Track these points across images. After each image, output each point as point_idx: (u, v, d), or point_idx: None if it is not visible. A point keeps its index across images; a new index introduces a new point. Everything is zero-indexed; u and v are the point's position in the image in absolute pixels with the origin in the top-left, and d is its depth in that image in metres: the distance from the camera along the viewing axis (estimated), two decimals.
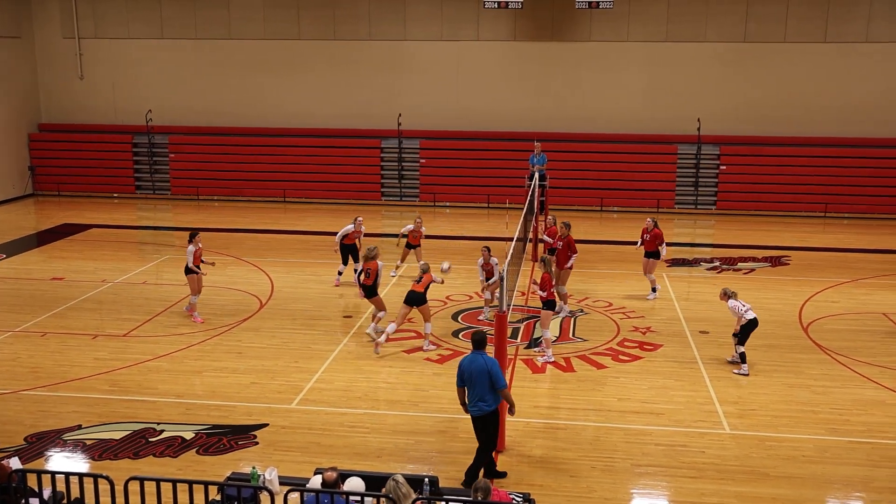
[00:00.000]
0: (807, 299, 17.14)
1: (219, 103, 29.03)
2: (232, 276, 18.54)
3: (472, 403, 9.51)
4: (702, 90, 27.00)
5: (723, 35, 26.65)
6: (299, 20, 28.27)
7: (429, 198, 27.94)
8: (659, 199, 26.93)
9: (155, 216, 26.76)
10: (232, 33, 28.59)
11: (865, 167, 26.22)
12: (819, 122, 26.65)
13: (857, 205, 26.13)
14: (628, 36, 27.03)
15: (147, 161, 29.32)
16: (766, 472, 10.03)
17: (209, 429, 11.12)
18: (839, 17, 26.04)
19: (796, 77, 26.54)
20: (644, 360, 13.73)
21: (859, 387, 12.64)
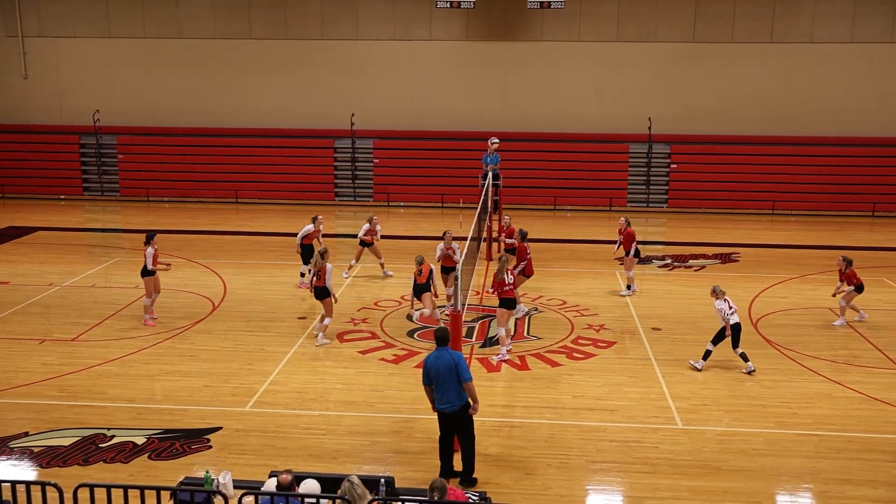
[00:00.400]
0: (756, 295, 17.46)
1: (169, 103, 28.62)
2: (184, 279, 18.28)
3: (443, 400, 9.50)
4: (652, 89, 27.36)
5: (672, 35, 27.04)
6: (250, 19, 27.99)
7: (383, 198, 27.88)
8: (611, 198, 27.21)
9: (103, 218, 26.29)
10: (181, 32, 28.20)
11: (812, 165, 26.82)
12: (766, 122, 27.21)
13: (803, 202, 26.71)
14: (580, 36, 27.27)
15: (95, 162, 28.80)
16: (718, 466, 10.19)
17: (161, 433, 10.95)
18: (785, 18, 26.60)
19: (744, 77, 27.04)
20: (598, 358, 13.86)
21: (806, 380, 12.91)
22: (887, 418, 11.56)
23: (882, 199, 26.60)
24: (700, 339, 14.72)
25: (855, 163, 26.87)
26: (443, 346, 9.63)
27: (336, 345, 14.37)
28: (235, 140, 28.43)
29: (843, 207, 26.57)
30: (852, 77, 26.78)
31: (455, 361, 9.48)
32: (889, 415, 11.68)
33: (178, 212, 26.60)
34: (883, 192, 26.67)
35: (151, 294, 15.33)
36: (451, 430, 9.64)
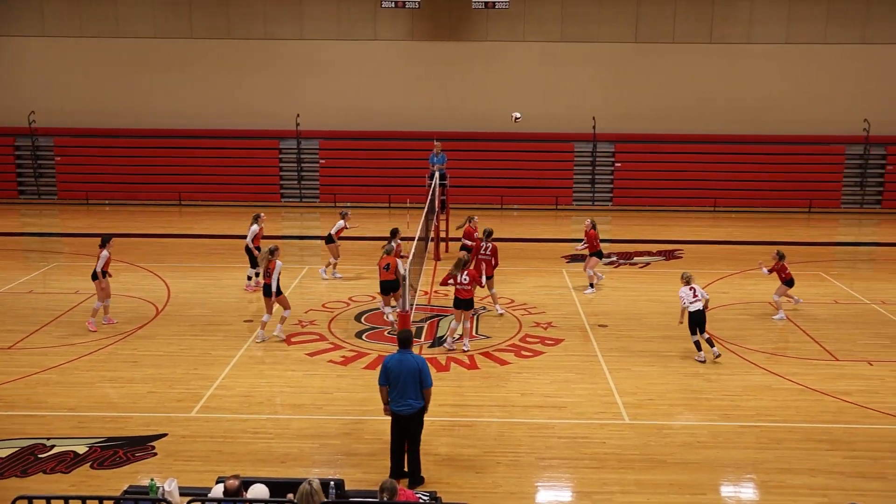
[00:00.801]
0: None
1: (108, 104, 28.04)
2: (126, 283, 17.91)
3: (401, 402, 9.48)
4: (596, 89, 27.69)
5: (614, 36, 27.40)
6: (191, 18, 27.59)
7: (329, 198, 27.71)
8: (557, 197, 27.47)
9: (40, 222, 25.65)
10: (120, 31, 27.66)
11: (751, 163, 27.42)
12: (707, 120, 27.74)
13: (743, 199, 27.30)
14: (524, 36, 27.47)
15: (31, 164, 28.07)
16: (664, 460, 10.36)
17: (104, 442, 10.72)
18: (723, 20, 27.16)
19: (685, 76, 27.54)
20: (546, 355, 13.98)
21: (748, 373, 13.20)
22: (824, 408, 11.89)
23: (818, 196, 27.34)
24: (646, 335, 15.00)
25: (792, 160, 27.55)
26: (406, 349, 9.61)
27: (283, 347, 14.25)
28: (178, 141, 27.97)
29: (782, 204, 27.24)
30: (789, 77, 27.46)
31: (419, 366, 9.51)
32: (826, 405, 12.01)
33: (119, 214, 26.09)
34: (819, 189, 27.42)
35: (104, 298, 15.04)
36: (404, 432, 9.62)
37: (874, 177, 27.65)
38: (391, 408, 9.57)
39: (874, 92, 27.40)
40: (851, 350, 14.27)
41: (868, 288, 18.22)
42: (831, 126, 27.67)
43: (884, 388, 12.65)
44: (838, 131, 27.67)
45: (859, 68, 27.29)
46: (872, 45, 27.11)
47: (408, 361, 9.49)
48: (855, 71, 27.31)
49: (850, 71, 27.31)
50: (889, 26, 27.01)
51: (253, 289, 17.39)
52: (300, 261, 21.12)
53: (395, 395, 9.50)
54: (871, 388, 12.63)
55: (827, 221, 26.17)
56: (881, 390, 12.54)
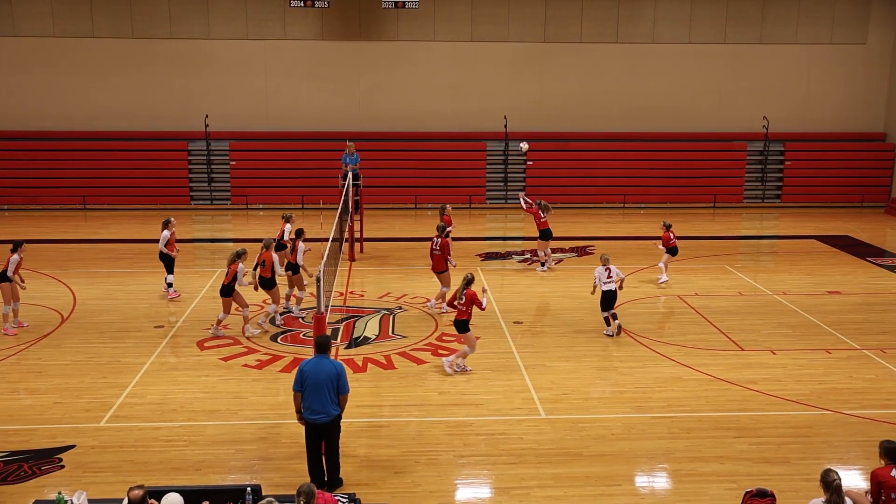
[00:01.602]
0: None
1: (6, 105, 26.92)
2: (28, 291, 17.19)
3: (316, 410, 9.22)
4: (507, 88, 28.01)
5: (524, 35, 27.77)
6: (93, 17, 26.71)
7: (241, 200, 27.26)
8: (471, 196, 27.67)
9: None
10: (17, 30, 26.58)
11: (658, 160, 28.17)
12: (615, 118, 28.40)
13: (651, 195, 28.04)
14: (435, 35, 27.58)
15: None
16: (580, 453, 10.57)
17: (7, 456, 10.30)
18: (628, 20, 27.84)
19: (593, 75, 28.12)
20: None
21: (659, 366, 13.58)
22: (731, 397, 12.33)
23: (721, 191, 28.32)
24: (560, 330, 15.26)
25: (697, 157, 28.44)
26: (323, 354, 9.43)
27: (196, 352, 13.97)
28: (81, 143, 27.06)
29: (687, 199, 28.09)
30: (691, 76, 28.35)
31: (338, 371, 9.31)
32: (733, 394, 12.45)
33: (19, 219, 25.08)
34: (722, 185, 28.40)
35: (10, 301, 14.57)
36: (320, 439, 9.43)
37: (774, 172, 28.80)
38: (306, 416, 9.31)
39: (772, 90, 28.55)
40: (756, 340, 14.84)
41: (770, 280, 18.97)
42: (733, 123, 28.71)
43: (786, 375, 13.19)
44: (740, 128, 28.73)
45: (758, 67, 28.38)
46: (769, 45, 28.24)
47: (325, 366, 9.29)
48: (754, 70, 28.39)
49: (750, 70, 28.37)
50: (784, 27, 28.18)
51: (174, 296, 16.94)
52: (212, 264, 20.71)
53: (310, 403, 9.23)
54: (774, 376, 13.16)
55: (730, 216, 27.13)
56: (784, 378, 13.08)
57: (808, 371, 13.40)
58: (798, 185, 28.60)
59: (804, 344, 14.67)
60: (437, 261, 16.17)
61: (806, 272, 19.69)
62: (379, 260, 20.43)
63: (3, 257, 20.10)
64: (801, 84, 28.69)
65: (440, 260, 16.14)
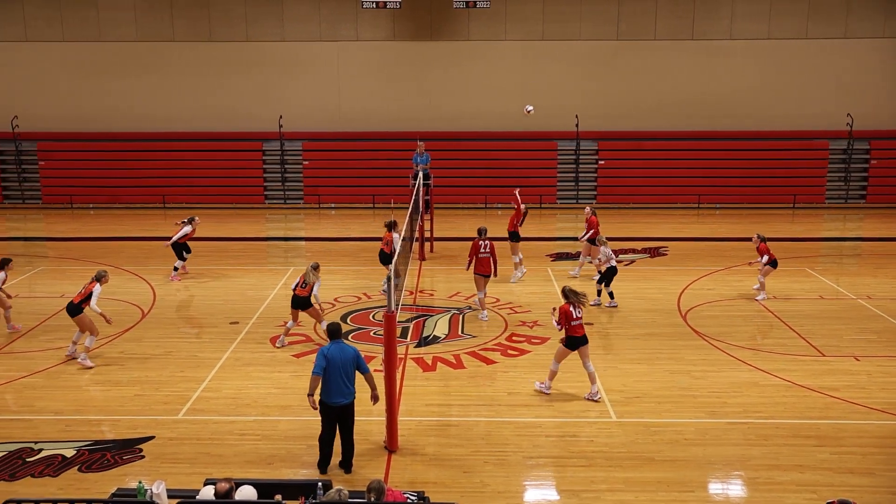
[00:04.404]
0: (684, 288, 17.87)
1: (91, 108, 27.88)
2: (110, 287, 17.74)
3: (339, 393, 9.67)
4: (578, 87, 27.76)
5: (596, 33, 27.49)
6: (173, 21, 27.46)
7: (314, 200, 27.66)
8: (541, 195, 27.51)
9: (25, 227, 25.45)
10: (102, 35, 27.50)
11: (735, 159, 27.56)
12: (690, 117, 27.86)
13: (727, 195, 27.42)
14: (506, 35, 27.51)
15: (15, 169, 27.87)
16: (652, 457, 10.40)
17: (91, 445, 10.66)
18: (705, 16, 27.30)
19: (667, 73, 27.65)
20: (532, 354, 14.00)
21: (735, 370, 13.26)
22: (811, 404, 11.96)
23: (802, 191, 27.51)
24: (631, 332, 15.04)
25: (776, 156, 27.71)
26: (339, 339, 9.88)
27: (269, 349, 14.22)
28: (162, 144, 27.85)
29: (765, 200, 27.39)
30: (772, 72, 27.63)
31: (357, 354, 9.86)
32: (813, 401, 12.07)
33: (103, 218, 25.95)
34: (802, 185, 27.59)
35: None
36: (337, 422, 9.82)
37: (858, 171, 27.86)
38: (328, 400, 9.70)
39: (856, 86, 27.62)
40: (838, 345, 14.37)
41: (853, 283, 18.35)
42: (815, 121, 27.86)
43: (871, 383, 12.73)
44: (822, 126, 27.87)
45: (841, 63, 27.50)
46: (854, 39, 27.33)
47: (347, 351, 9.80)
48: (837, 66, 27.52)
49: (833, 66, 27.52)
50: (869, 21, 27.24)
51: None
52: (285, 262, 21.11)
53: (332, 386, 9.66)
54: (857, 383, 12.71)
55: (811, 217, 26.34)
56: (868, 385, 12.62)
57: (894, 379, 12.91)
58: (885, 184, 27.58)
59: (890, 350, 14.14)
60: (486, 264, 15.97)
61: (892, 276, 18.98)
62: (449, 259, 20.47)
63: (98, 253, 20.87)
64: (888, 80, 27.66)
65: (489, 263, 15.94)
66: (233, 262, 20.30)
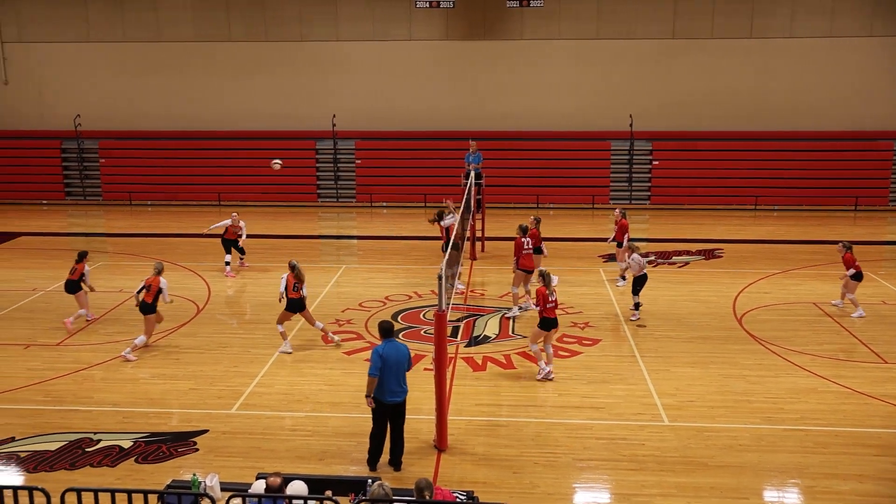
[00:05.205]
0: (740, 291, 17.55)
1: (149, 106, 28.46)
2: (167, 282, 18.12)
3: (395, 391, 9.76)
4: (633, 86, 27.46)
5: (652, 32, 27.16)
6: (229, 22, 27.87)
7: (365, 198, 27.84)
8: (594, 196, 27.29)
9: (86, 222, 26.08)
10: (161, 35, 28.04)
11: (794, 160, 26.99)
12: (748, 117, 27.36)
13: (785, 197, 26.87)
14: (560, 34, 27.34)
15: (77, 167, 28.59)
16: (705, 463, 10.23)
17: (148, 437, 10.88)
18: (763, 13, 26.76)
19: (724, 72, 27.19)
20: (583, 356, 13.88)
21: (792, 375, 12.97)
22: (872, 412, 11.64)
23: (864, 193, 26.81)
24: (685, 335, 14.82)
25: (836, 157, 27.06)
26: (391, 338, 9.93)
27: (321, 346, 14.34)
28: (217, 143, 28.30)
29: (826, 202, 26.76)
30: (832, 71, 26.98)
31: (408, 352, 9.97)
32: (874, 409, 11.75)
33: (161, 215, 26.46)
34: (865, 186, 26.88)
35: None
36: (389, 419, 9.89)
37: None
38: (386, 399, 9.74)
39: None
40: None
41: None
42: (878, 121, 27.13)
43: None
44: (886, 126, 27.12)
45: None
46: None
47: (400, 349, 9.88)
48: None
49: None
50: None
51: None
52: (337, 260, 21.27)
53: (389, 385, 9.72)
54: None
55: (874, 220, 25.64)
56: None
57: None
58: None
59: None
60: (530, 260, 16.00)
61: None
62: (500, 259, 20.41)
63: (156, 249, 21.30)
64: None
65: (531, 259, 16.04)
66: (286, 259, 20.41)
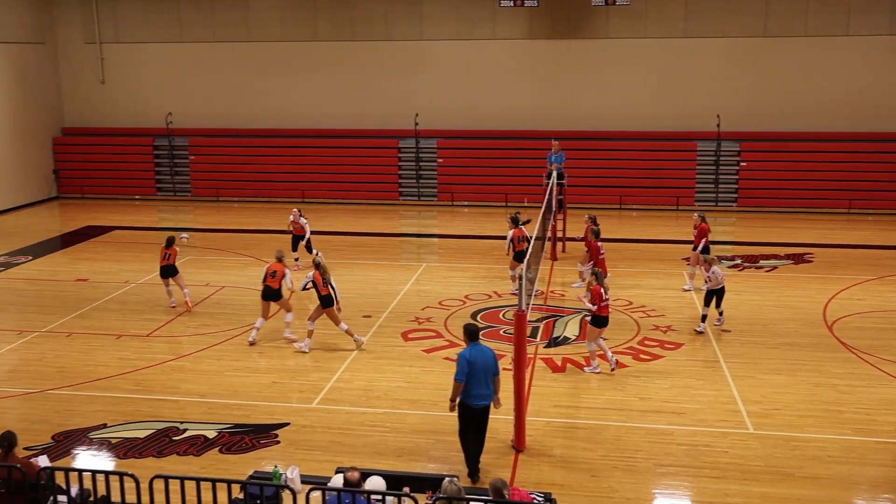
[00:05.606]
0: (831, 297, 16.97)
1: (238, 105, 29.15)
2: (252, 277, 18.55)
3: (482, 395, 9.61)
4: (721, 86, 26.80)
5: (742, 30, 26.45)
6: (316, 21, 28.33)
7: (447, 197, 27.94)
8: (679, 197, 26.77)
9: (176, 218, 26.90)
10: (250, 35, 28.69)
11: (891, 162, 25.90)
12: (842, 117, 26.37)
13: (881, 201, 25.81)
14: (646, 33, 26.89)
15: (167, 163, 29.51)
16: (792, 473, 9.93)
17: (231, 428, 11.17)
18: (860, 9, 25.75)
19: (818, 71, 26.27)
20: (665, 360, 13.65)
21: (886, 386, 12.48)
22: None
23: None
24: (772, 341, 14.41)
25: None
26: (476, 341, 9.76)
27: (400, 343, 14.47)
28: (302, 141, 28.79)
29: None
30: None
31: (494, 355, 9.79)
32: None
33: (247, 211, 27.09)
34: None
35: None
36: (476, 424, 9.74)
37: None
38: (472, 403, 9.60)
39: None
40: None
41: None
42: None
43: None
44: None
45: None
46: None
47: (486, 353, 9.71)
48: None
49: None
50: None
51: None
52: (417, 258, 21.41)
53: (476, 389, 9.56)
54: None
55: None
56: None
57: None
58: None
59: None
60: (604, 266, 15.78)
61: None
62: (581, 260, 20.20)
63: (241, 245, 21.84)
64: None
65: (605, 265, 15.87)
66: (367, 256, 20.78)
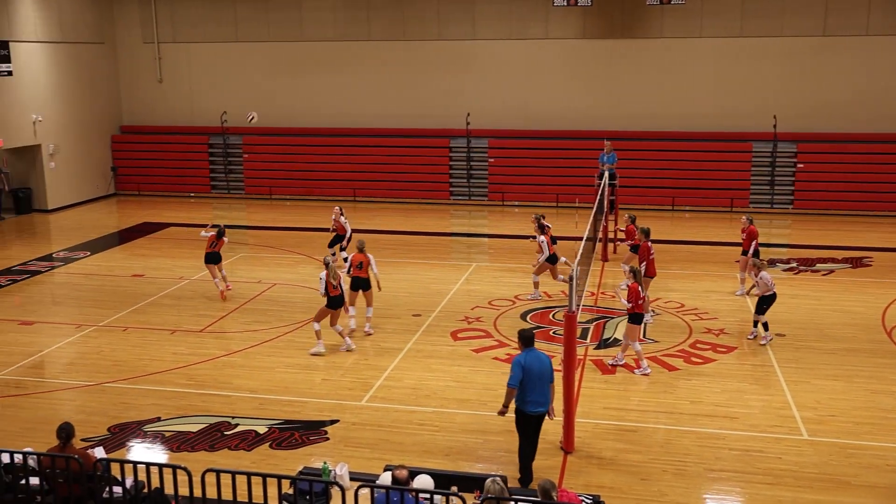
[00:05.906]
0: (891, 302, 16.55)
1: (290, 104, 29.47)
2: (303, 274, 18.82)
3: (539, 402, 9.47)
4: (778, 86, 26.31)
5: (801, 29, 25.93)
6: (369, 21, 28.51)
7: (497, 197, 27.90)
8: (733, 199, 26.35)
9: (229, 215, 27.29)
10: (304, 34, 29.00)
11: None
12: None
13: None
14: (701, 32, 26.52)
15: (222, 161, 29.98)
16: (848, 481, 9.72)
17: (281, 424, 11.32)
18: None
19: (879, 71, 25.64)
20: (717, 363, 13.46)
21: None
22: None
23: None
24: (828, 346, 14.12)
25: None
26: (531, 347, 9.61)
27: (449, 342, 14.50)
28: (353, 140, 29.01)
29: None
30: None
31: (551, 362, 9.63)
32: None
33: (298, 209, 27.38)
34: None
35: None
36: (533, 430, 9.65)
37: None
38: (529, 410, 9.47)
39: None
40: None
41: None
42: None
43: None
44: None
45: None
46: None
47: (542, 359, 9.54)
48: None
49: None
50: None
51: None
52: (467, 258, 21.42)
53: (533, 396, 9.41)
54: None
55: None
56: None
57: None
58: None
59: None
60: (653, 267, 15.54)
61: None
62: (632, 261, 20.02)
63: (293, 242, 22.13)
64: None
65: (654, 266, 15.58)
66: (418, 255, 20.87)
